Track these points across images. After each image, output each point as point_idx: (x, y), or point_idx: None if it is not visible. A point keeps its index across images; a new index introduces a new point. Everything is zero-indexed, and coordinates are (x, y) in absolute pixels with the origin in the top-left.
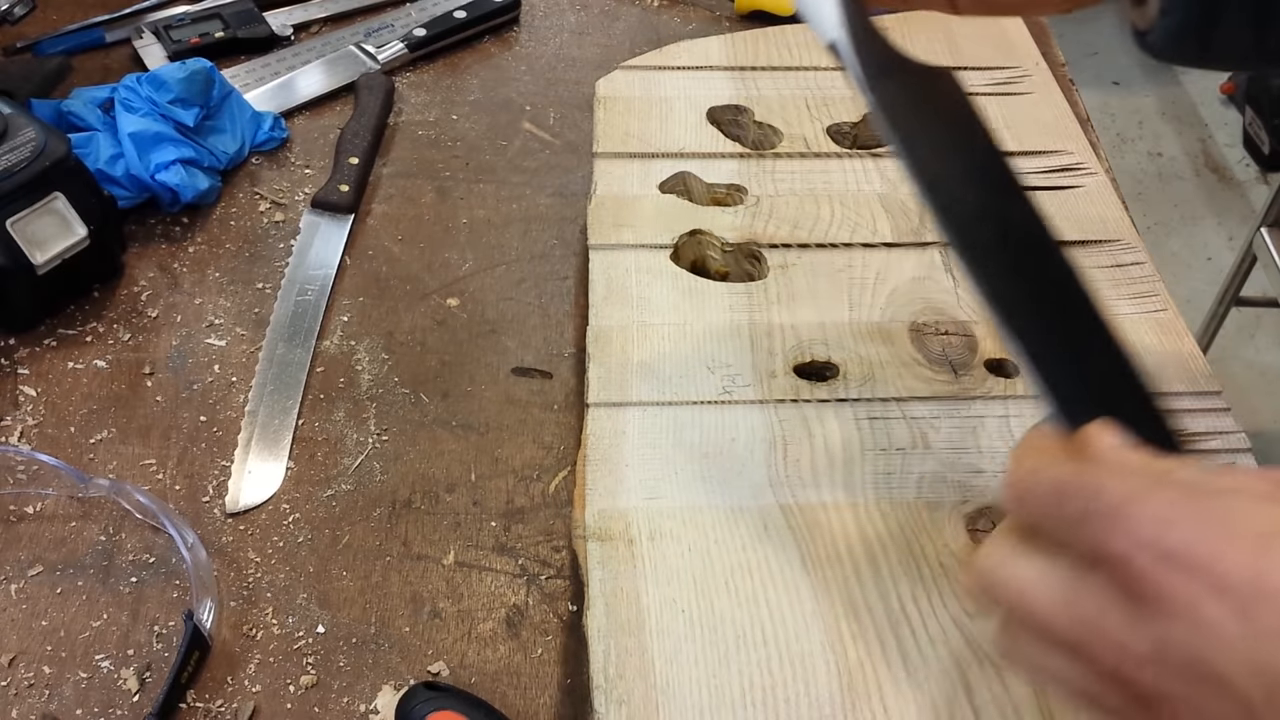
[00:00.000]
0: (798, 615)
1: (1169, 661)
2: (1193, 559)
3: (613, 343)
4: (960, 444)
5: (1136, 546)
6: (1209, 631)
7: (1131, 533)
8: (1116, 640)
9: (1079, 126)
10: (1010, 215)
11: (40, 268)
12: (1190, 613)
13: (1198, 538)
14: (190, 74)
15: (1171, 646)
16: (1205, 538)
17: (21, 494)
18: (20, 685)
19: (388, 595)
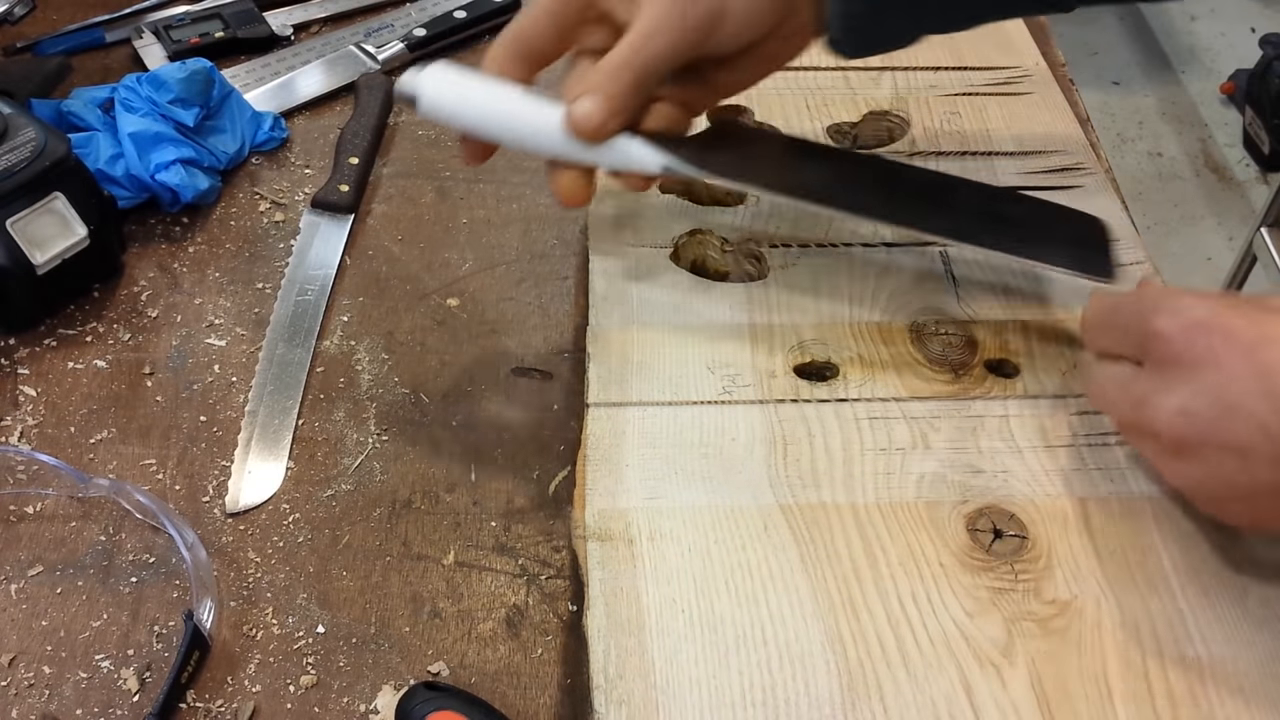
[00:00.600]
0: (798, 615)
1: (1199, 410)
2: (1212, 323)
3: (613, 343)
4: (960, 444)
5: (1171, 321)
6: (1227, 372)
7: (1167, 312)
8: (1156, 404)
9: (1079, 126)
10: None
11: (40, 268)
12: (1212, 359)
13: (1214, 311)
14: (190, 74)
15: (1200, 393)
16: (1220, 311)
17: (21, 494)
18: (20, 685)
19: (388, 595)
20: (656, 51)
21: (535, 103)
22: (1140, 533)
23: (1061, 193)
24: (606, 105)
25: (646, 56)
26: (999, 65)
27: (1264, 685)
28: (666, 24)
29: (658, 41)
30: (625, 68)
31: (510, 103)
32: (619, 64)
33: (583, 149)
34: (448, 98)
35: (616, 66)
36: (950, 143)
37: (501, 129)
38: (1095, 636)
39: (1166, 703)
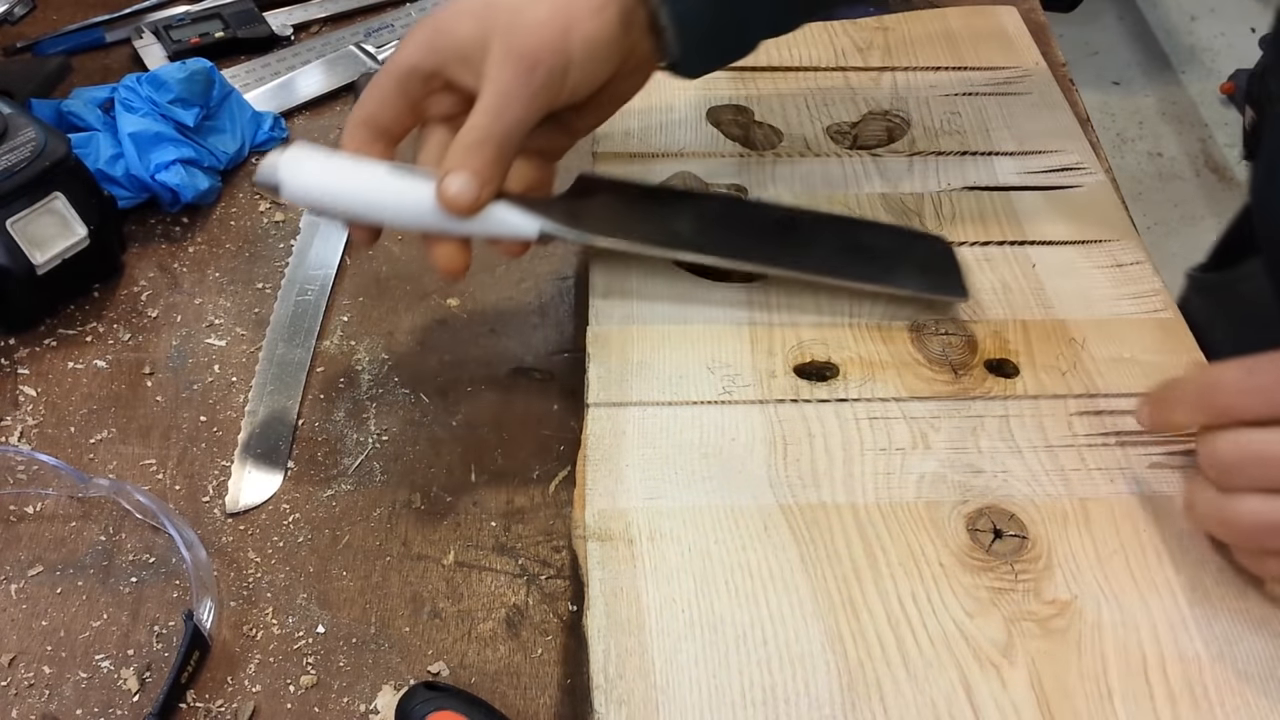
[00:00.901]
0: (797, 615)
1: None
2: None
3: (612, 343)
4: (960, 444)
5: None
6: None
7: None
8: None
9: (1079, 126)
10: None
11: (40, 268)
12: None
13: None
14: (190, 74)
15: None
16: None
17: (21, 494)
18: (20, 685)
19: (388, 595)
20: (513, 119)
21: (402, 179)
22: (1140, 533)
23: (1061, 193)
24: (476, 180)
25: (504, 126)
26: (999, 65)
27: (1264, 685)
28: (516, 90)
29: (512, 109)
30: (486, 141)
31: (376, 182)
32: (480, 138)
33: (457, 222)
34: (311, 183)
35: (478, 141)
36: (950, 143)
37: (370, 209)
38: (1095, 636)
39: (1166, 703)
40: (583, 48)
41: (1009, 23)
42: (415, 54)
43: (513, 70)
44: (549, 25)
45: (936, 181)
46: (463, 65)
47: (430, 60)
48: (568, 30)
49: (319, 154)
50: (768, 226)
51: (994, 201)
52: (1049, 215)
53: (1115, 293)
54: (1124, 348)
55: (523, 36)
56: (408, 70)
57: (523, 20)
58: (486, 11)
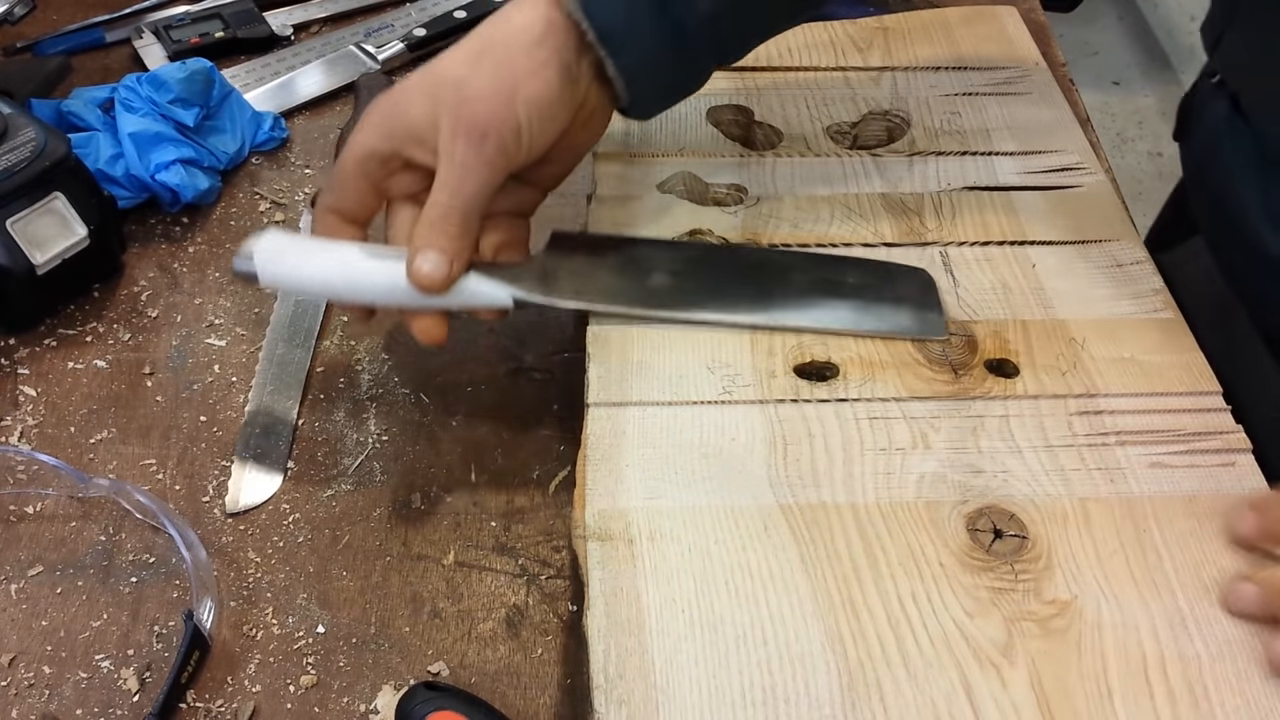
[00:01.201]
0: (797, 615)
1: None
2: None
3: (612, 343)
4: (960, 444)
5: None
6: None
7: None
8: None
9: (1079, 126)
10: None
11: (40, 268)
12: None
13: None
14: (190, 74)
15: None
16: None
17: (21, 494)
18: (20, 685)
19: (388, 595)
20: (472, 191)
21: (375, 260)
22: (1140, 533)
23: (1061, 193)
24: (445, 257)
25: (465, 199)
26: (999, 65)
27: (1264, 685)
28: (471, 162)
29: (470, 181)
30: (449, 215)
31: (350, 264)
32: (442, 214)
33: (432, 298)
34: (287, 270)
35: (442, 216)
36: (950, 143)
37: (348, 291)
38: (1095, 636)
39: (1166, 703)
40: (529, 110)
41: (1009, 23)
42: (371, 139)
43: (464, 143)
44: (493, 94)
45: (936, 181)
46: (417, 144)
47: (386, 144)
48: (512, 96)
49: (292, 240)
50: (743, 273)
51: (994, 201)
52: (1049, 215)
53: (1115, 293)
54: (1124, 348)
55: (469, 109)
56: (365, 155)
57: (467, 93)
58: (433, 89)
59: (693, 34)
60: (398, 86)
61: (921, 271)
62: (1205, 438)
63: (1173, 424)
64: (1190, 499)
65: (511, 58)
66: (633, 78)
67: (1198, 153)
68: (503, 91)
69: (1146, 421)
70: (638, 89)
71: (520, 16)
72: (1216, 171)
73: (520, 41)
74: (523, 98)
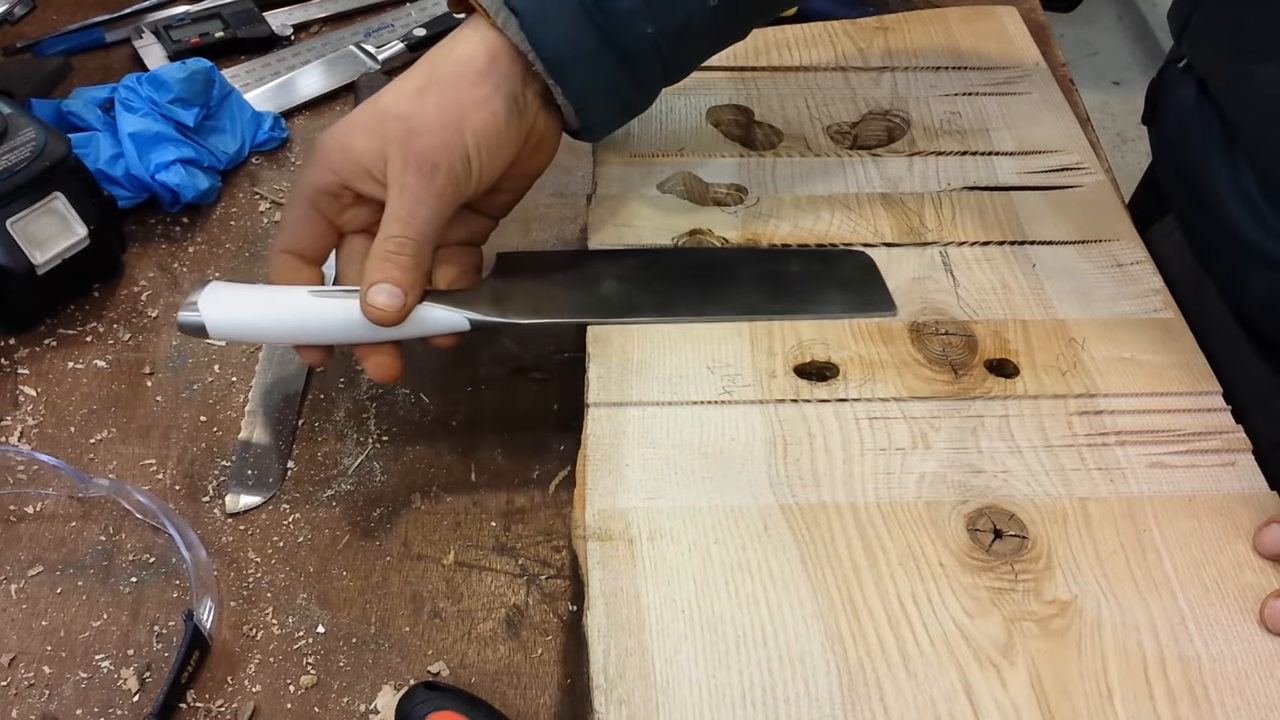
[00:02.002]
0: (797, 615)
1: None
2: None
3: (612, 343)
4: (960, 444)
5: None
6: None
7: None
8: None
9: (1079, 126)
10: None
11: (40, 268)
12: None
13: None
14: (190, 74)
15: None
16: None
17: (21, 494)
18: (20, 685)
19: (388, 595)
20: (423, 222)
21: (323, 299)
22: (1140, 533)
23: (1062, 193)
24: (399, 289)
25: (416, 230)
26: (999, 65)
27: (1264, 685)
28: (421, 194)
29: (421, 213)
30: (402, 249)
31: (298, 307)
32: (395, 248)
33: (387, 330)
34: (234, 319)
35: (395, 250)
36: (950, 143)
37: (298, 333)
38: (1095, 636)
39: (1166, 703)
40: (477, 140)
41: (1009, 23)
42: (319, 175)
43: (414, 175)
44: (441, 127)
45: (936, 181)
46: (365, 178)
47: (333, 179)
48: (460, 128)
49: (236, 289)
50: (689, 274)
51: (994, 201)
52: (1049, 215)
53: (1115, 293)
54: (1124, 348)
55: (418, 142)
56: (314, 192)
57: (415, 126)
58: (379, 124)
59: (638, 58)
60: (342, 122)
61: (861, 254)
62: (1205, 438)
63: (1173, 424)
64: (1190, 499)
65: (457, 90)
66: (583, 104)
67: (1167, 135)
68: (449, 124)
69: (1146, 421)
70: (588, 115)
71: (462, 49)
72: (1185, 153)
73: (465, 74)
74: (470, 129)
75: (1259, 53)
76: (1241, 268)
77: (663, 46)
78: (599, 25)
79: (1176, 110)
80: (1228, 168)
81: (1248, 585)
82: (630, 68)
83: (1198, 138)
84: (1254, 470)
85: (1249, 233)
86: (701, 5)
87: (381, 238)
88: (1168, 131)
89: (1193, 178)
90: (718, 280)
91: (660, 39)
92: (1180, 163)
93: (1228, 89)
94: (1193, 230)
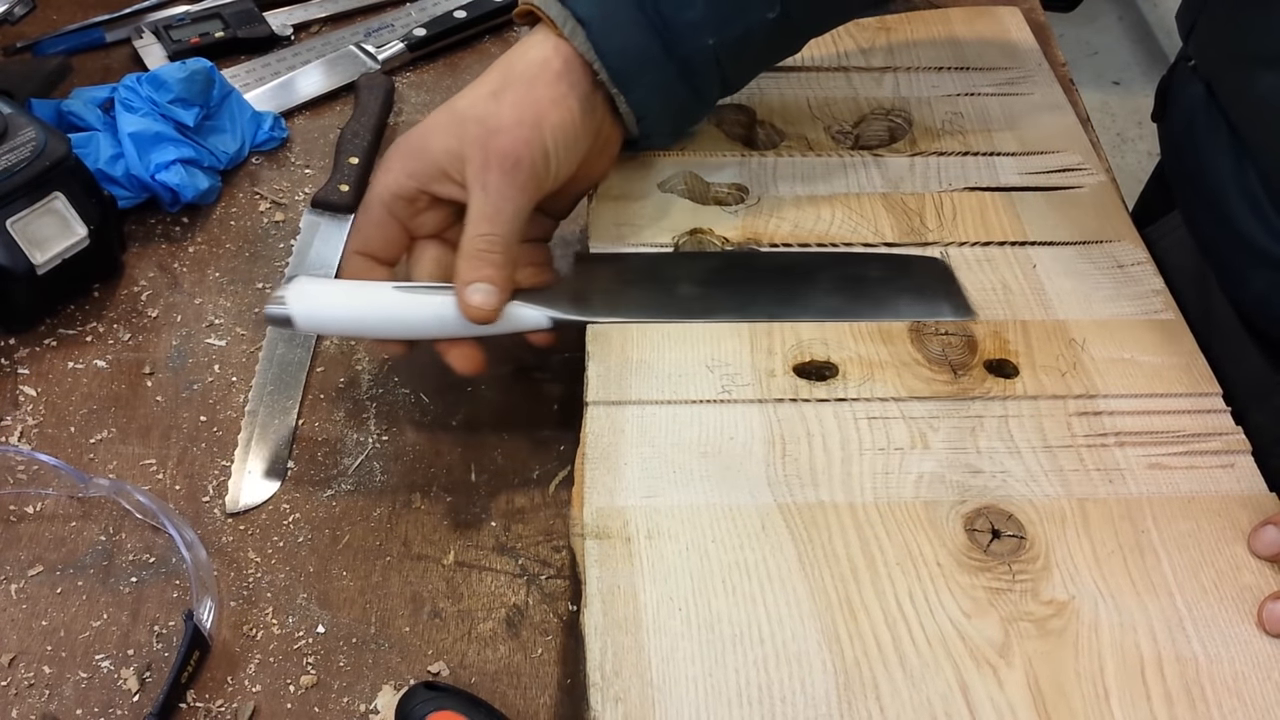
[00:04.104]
0: (794, 614)
1: None
2: None
3: (612, 341)
4: (959, 444)
5: None
6: None
7: None
8: None
9: (1079, 126)
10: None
11: (40, 268)
12: None
13: None
14: (190, 74)
15: None
16: None
17: (21, 494)
18: (20, 685)
19: (388, 595)
20: (510, 219)
21: (409, 295)
22: (1138, 533)
23: (1063, 193)
24: (496, 288)
25: (505, 227)
26: (1000, 65)
27: (1261, 686)
28: (506, 191)
29: (507, 210)
30: (492, 246)
31: (385, 303)
32: (486, 245)
33: (475, 327)
34: (321, 313)
35: (486, 248)
36: (951, 143)
37: (384, 327)
38: (1092, 637)
39: (1163, 704)
40: (555, 136)
41: (1011, 23)
42: (397, 180)
43: (497, 173)
44: (519, 124)
45: (938, 181)
46: (443, 180)
47: (412, 183)
48: (538, 124)
49: (322, 283)
50: (767, 278)
51: (995, 202)
52: (1050, 216)
53: (1115, 293)
54: (1124, 348)
55: (499, 140)
56: (392, 196)
57: (493, 126)
58: (456, 126)
59: (699, 68)
60: (417, 127)
61: (938, 260)
62: (1204, 439)
63: (1172, 425)
64: (1189, 500)
65: (533, 89)
66: (644, 113)
67: (1175, 133)
68: (527, 121)
69: (1146, 422)
70: (648, 123)
71: (535, 53)
72: (1192, 150)
73: (541, 75)
74: (549, 125)
75: (1261, 59)
76: (1242, 265)
77: (722, 57)
78: (662, 35)
79: (1184, 108)
80: (1233, 167)
81: (1246, 587)
82: (691, 77)
83: (1204, 136)
84: (1253, 472)
85: (1251, 231)
86: (761, 17)
87: (470, 236)
88: (1175, 129)
89: (1198, 175)
90: (796, 284)
91: (720, 49)
92: (1186, 160)
93: (1231, 93)
94: (1196, 225)
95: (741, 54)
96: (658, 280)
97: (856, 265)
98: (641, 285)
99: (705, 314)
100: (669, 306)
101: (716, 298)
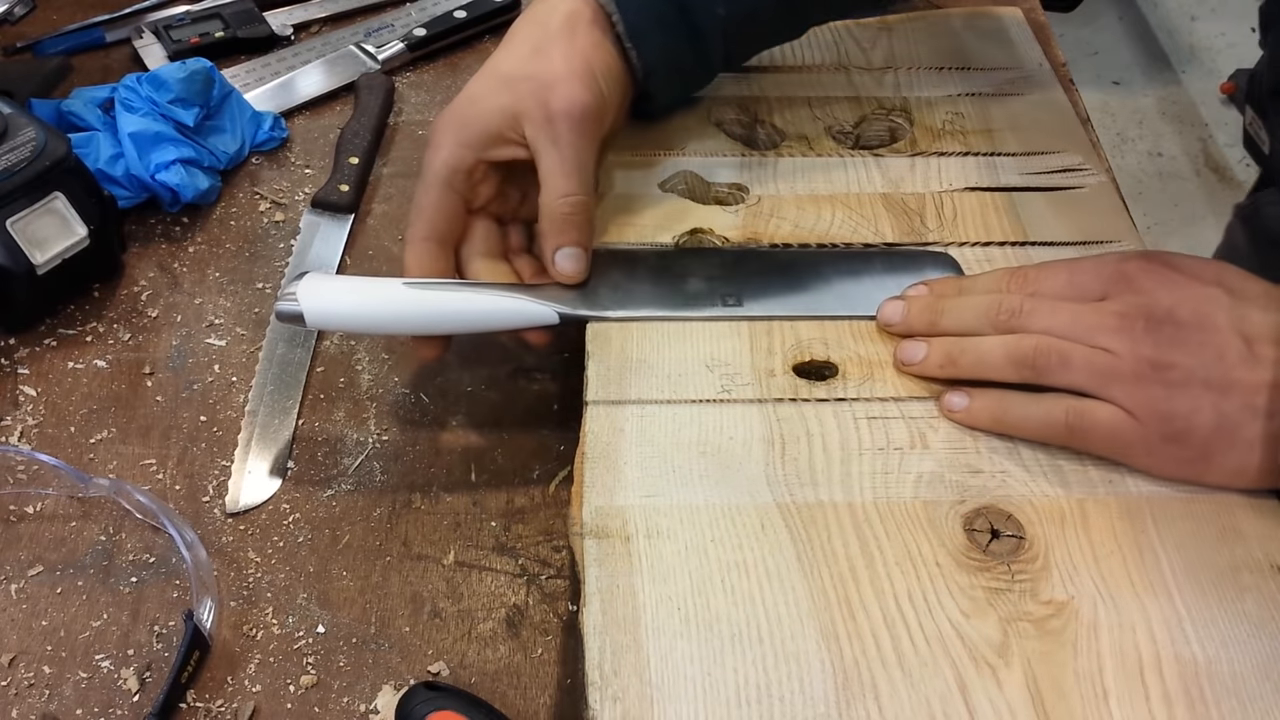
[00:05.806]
0: (793, 614)
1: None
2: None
3: (612, 341)
4: (958, 444)
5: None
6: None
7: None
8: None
9: (1079, 126)
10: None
11: (40, 268)
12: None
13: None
14: (190, 74)
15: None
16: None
17: (21, 494)
18: (20, 685)
19: (388, 595)
20: (586, 171)
21: (416, 292)
22: (1137, 534)
23: (1063, 193)
24: (582, 251)
25: (581, 183)
26: (1001, 65)
27: (1260, 687)
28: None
29: (581, 161)
30: (576, 209)
31: (395, 299)
32: (570, 208)
33: (482, 319)
34: (331, 310)
35: (569, 211)
36: (952, 143)
37: (394, 324)
38: (1091, 637)
39: (1162, 704)
40: (605, 78)
41: (1011, 23)
42: (452, 153)
43: (563, 123)
44: (573, 74)
45: (938, 181)
46: (500, 143)
47: (469, 154)
48: (590, 72)
49: (333, 280)
50: (774, 273)
51: (995, 202)
52: (1050, 216)
53: None
54: None
55: (556, 93)
56: (451, 171)
57: (548, 80)
58: (505, 86)
59: (706, 35)
60: (459, 99)
61: (945, 254)
62: None
63: None
64: (1188, 500)
65: (574, 38)
66: (651, 69)
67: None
68: (578, 69)
69: None
70: (653, 81)
71: (564, 7)
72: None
73: (577, 24)
74: (599, 71)
75: None
76: None
77: (729, 29)
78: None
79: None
80: None
81: (1245, 587)
82: (698, 42)
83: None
84: None
85: None
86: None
87: (554, 198)
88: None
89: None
90: (803, 277)
91: (729, 21)
92: None
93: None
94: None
95: (746, 29)
96: (666, 275)
97: (862, 261)
98: (650, 280)
99: (713, 308)
100: (677, 301)
101: (725, 292)
